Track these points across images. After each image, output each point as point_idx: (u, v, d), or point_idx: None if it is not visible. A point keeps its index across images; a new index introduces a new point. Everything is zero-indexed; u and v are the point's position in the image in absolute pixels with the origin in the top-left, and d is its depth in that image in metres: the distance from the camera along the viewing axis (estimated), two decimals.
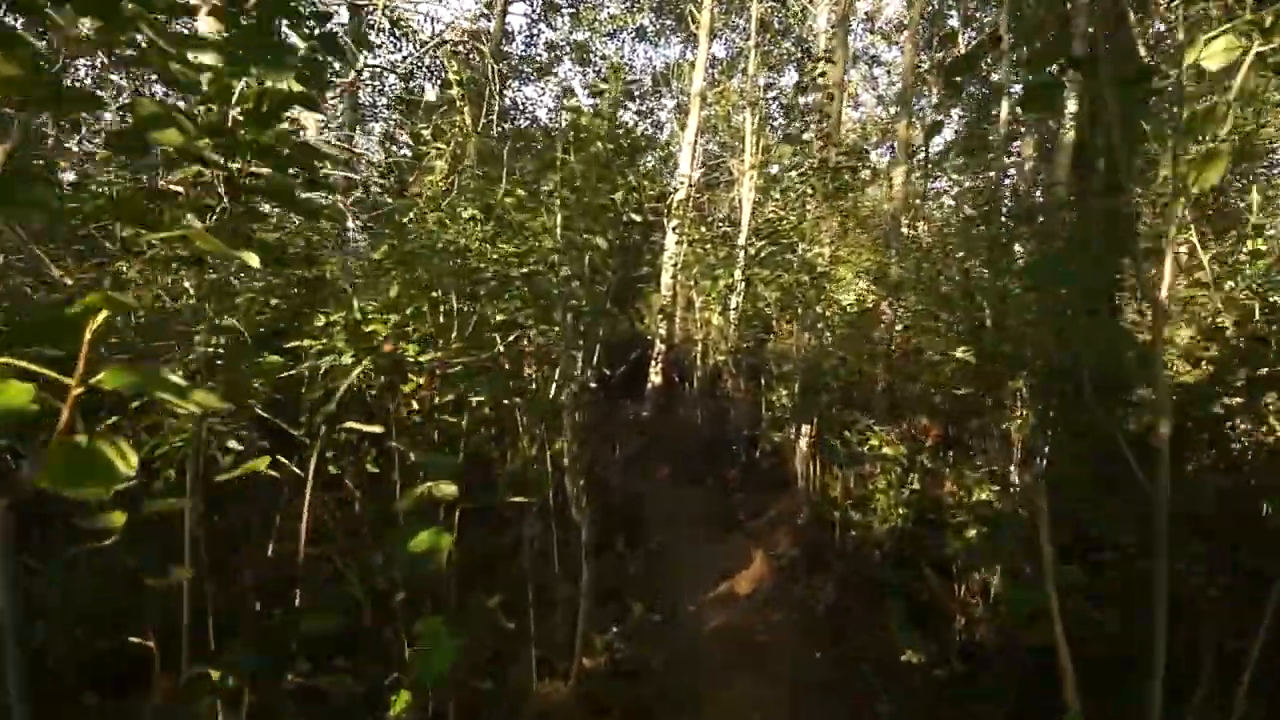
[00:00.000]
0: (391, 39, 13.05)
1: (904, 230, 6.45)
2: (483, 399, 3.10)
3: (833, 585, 3.63)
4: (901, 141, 6.43)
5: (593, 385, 4.37)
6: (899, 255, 5.20)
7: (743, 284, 7.43)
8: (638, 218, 5.13)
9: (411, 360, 3.36)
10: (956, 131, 14.56)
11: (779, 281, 5.55)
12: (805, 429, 5.65)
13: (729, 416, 7.00)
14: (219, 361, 3.15)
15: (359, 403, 3.80)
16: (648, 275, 9.74)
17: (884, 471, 3.43)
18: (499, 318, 3.75)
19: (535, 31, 14.75)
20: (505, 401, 3.11)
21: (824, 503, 4.98)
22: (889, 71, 15.76)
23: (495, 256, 3.69)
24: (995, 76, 14.81)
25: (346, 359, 3.33)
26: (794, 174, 4.73)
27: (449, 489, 1.57)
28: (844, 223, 4.73)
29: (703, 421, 7.25)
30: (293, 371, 3.18)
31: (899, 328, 4.65)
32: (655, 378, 9.76)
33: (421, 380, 3.50)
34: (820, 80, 5.16)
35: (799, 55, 13.77)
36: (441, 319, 3.58)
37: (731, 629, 3.53)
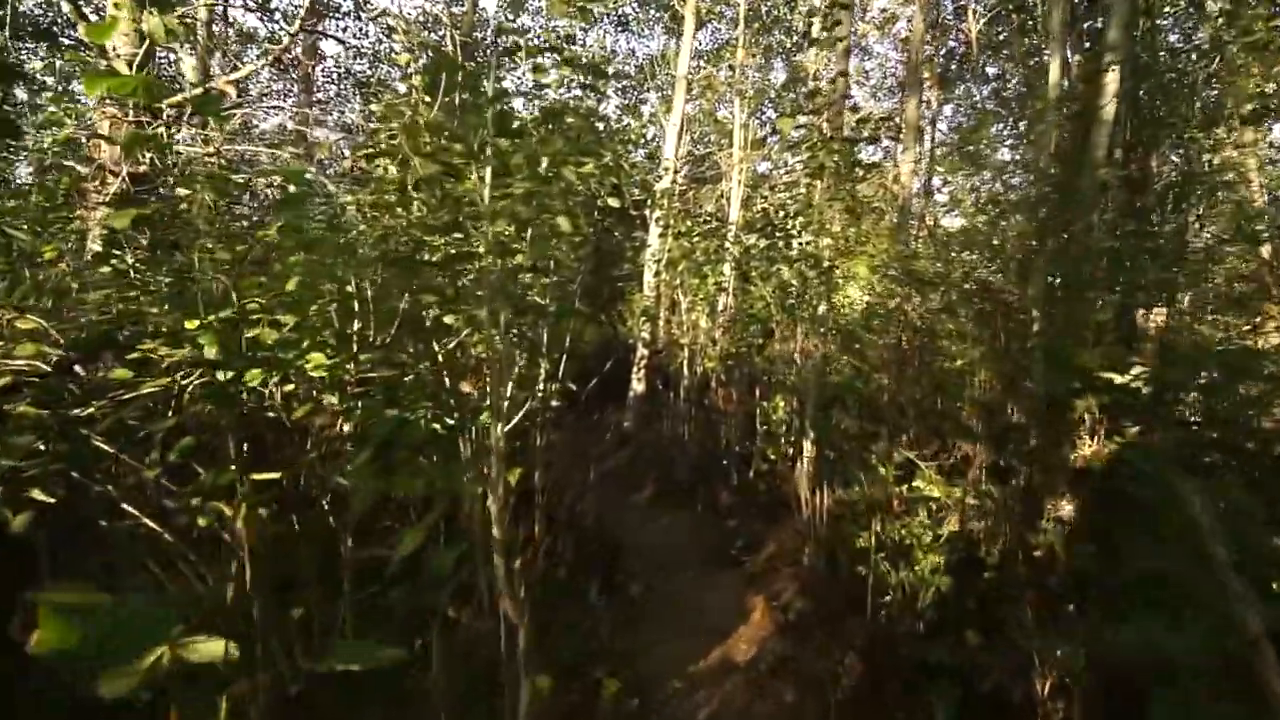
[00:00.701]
0: (356, 21, 12.23)
1: (913, 221, 5.76)
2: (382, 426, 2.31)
3: (856, 656, 2.89)
4: (910, 124, 5.75)
5: (555, 404, 3.60)
6: (913, 247, 4.51)
7: (733, 280, 6.71)
8: (615, 203, 4.38)
9: (313, 374, 2.57)
10: (952, 128, 14.02)
11: (778, 276, 4.82)
12: (806, 446, 4.94)
13: (719, 430, 6.26)
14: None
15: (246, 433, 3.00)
16: (629, 274, 9.00)
17: (922, 526, 2.68)
18: (446, 320, 2.98)
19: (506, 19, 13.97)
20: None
21: (833, 537, 4.25)
22: (881, 65, 15.21)
23: (431, 239, 2.91)
24: (992, 70, 14.31)
25: (221, 375, 2.53)
26: (798, 149, 4.00)
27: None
28: (855, 208, 4.03)
29: (690, 435, 6.50)
30: (137, 393, 2.38)
31: (907, 332, 3.95)
32: (638, 385, 9.00)
33: (328, 399, 2.71)
34: (834, 33, 4.47)
35: (790, 46, 13.13)
36: (358, 321, 2.79)
37: (729, 717, 2.77)
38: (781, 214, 5.10)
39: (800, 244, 4.86)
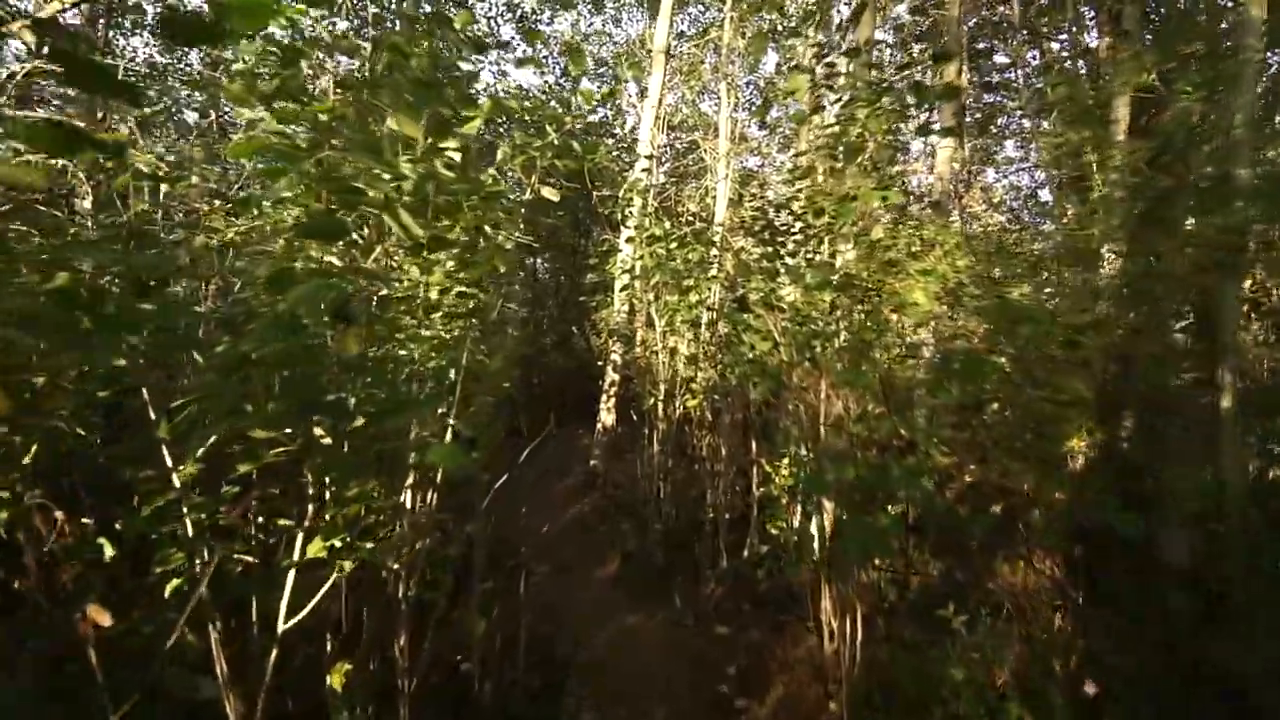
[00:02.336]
0: None
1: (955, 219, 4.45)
2: None
3: None
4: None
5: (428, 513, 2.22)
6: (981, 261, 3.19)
7: (719, 297, 5.36)
8: (551, 194, 3.00)
9: None
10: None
11: (786, 302, 3.47)
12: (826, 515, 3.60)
13: (704, 489, 4.90)
14: None
15: None
16: (596, 285, 7.63)
17: None
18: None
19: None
20: None
21: (873, 686, 2.92)
22: (881, 51, 13.99)
23: None
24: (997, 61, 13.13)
25: None
26: (832, 111, 2.65)
27: None
28: (905, 203, 2.70)
29: (666, 494, 5.13)
30: None
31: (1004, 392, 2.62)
32: (607, 416, 7.63)
33: None
34: None
35: (782, 29, 11.83)
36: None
37: None
38: (789, 214, 3.73)
39: (811, 253, 3.50)
